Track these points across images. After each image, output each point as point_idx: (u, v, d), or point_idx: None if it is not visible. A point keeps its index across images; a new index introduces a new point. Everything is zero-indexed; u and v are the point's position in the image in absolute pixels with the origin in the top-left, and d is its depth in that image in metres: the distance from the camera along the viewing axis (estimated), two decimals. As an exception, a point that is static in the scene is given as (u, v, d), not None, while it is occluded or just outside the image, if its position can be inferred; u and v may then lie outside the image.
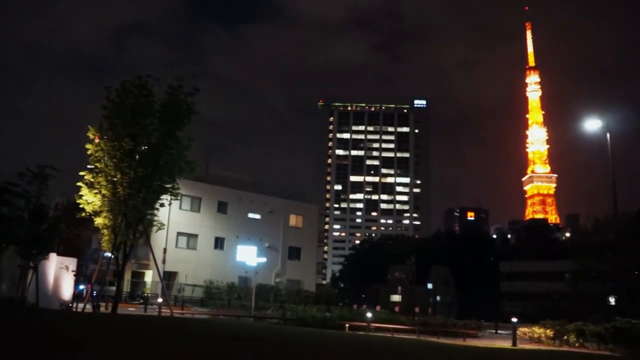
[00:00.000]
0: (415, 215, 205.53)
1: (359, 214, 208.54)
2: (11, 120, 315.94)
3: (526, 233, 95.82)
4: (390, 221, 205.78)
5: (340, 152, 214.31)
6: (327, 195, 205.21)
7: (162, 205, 24.54)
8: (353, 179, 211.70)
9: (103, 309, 28.02)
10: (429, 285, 66.79)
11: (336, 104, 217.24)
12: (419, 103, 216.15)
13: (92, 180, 22.41)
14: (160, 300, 32.36)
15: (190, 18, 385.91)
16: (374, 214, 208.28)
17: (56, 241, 27.25)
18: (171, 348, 10.31)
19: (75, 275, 26.30)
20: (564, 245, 67.24)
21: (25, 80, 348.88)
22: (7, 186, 22.64)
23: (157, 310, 31.15)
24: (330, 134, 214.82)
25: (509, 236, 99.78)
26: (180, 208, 47.57)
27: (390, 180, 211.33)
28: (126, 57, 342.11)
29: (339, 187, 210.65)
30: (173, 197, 24.43)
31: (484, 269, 78.24)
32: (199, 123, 24.93)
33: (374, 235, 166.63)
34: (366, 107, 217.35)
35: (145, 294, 42.31)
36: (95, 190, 22.30)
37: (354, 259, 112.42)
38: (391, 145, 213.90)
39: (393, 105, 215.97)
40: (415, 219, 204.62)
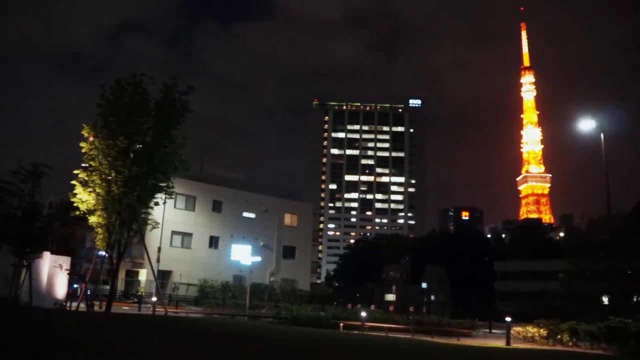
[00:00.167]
0: (409, 214, 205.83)
1: (353, 213, 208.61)
2: (10, 120, 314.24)
3: (520, 233, 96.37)
4: (384, 220, 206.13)
5: (335, 152, 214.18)
6: (322, 195, 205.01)
7: (157, 203, 24.53)
8: (348, 178, 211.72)
9: (97, 308, 27.98)
10: (424, 285, 66.74)
11: (331, 103, 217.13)
12: (414, 103, 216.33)
13: (87, 178, 22.30)
14: (154, 299, 32.32)
15: (186, 16, 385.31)
16: (369, 213, 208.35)
17: (50, 240, 27.06)
18: (166, 347, 10.30)
19: (69, 274, 26.15)
20: (558, 245, 67.34)
21: (21, 79, 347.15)
22: (0, 184, 22.53)
23: (152, 309, 31.10)
24: (325, 133, 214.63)
25: (503, 236, 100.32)
26: (174, 207, 47.34)
27: (385, 179, 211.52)
28: (122, 56, 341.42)
29: (333, 187, 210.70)
30: (167, 196, 24.31)
31: (478, 268, 78.36)
32: (193, 122, 24.96)
33: (368, 234, 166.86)
34: (361, 107, 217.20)
35: (140, 293, 42.20)
36: (90, 189, 22.22)
37: (348, 258, 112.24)
38: (386, 145, 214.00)
39: (388, 105, 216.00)
40: (410, 218, 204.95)
